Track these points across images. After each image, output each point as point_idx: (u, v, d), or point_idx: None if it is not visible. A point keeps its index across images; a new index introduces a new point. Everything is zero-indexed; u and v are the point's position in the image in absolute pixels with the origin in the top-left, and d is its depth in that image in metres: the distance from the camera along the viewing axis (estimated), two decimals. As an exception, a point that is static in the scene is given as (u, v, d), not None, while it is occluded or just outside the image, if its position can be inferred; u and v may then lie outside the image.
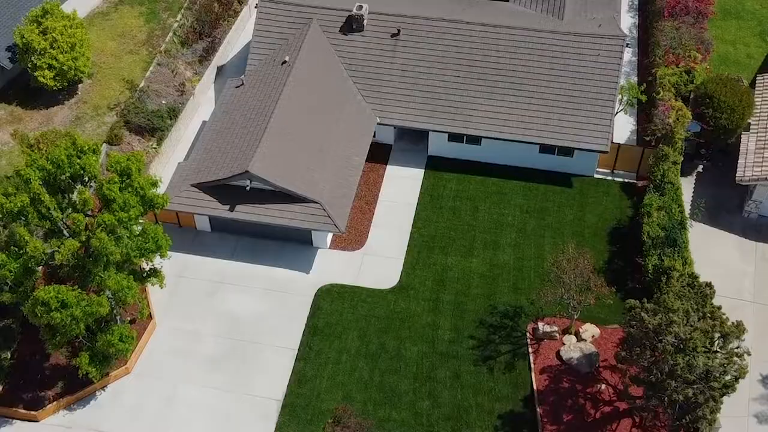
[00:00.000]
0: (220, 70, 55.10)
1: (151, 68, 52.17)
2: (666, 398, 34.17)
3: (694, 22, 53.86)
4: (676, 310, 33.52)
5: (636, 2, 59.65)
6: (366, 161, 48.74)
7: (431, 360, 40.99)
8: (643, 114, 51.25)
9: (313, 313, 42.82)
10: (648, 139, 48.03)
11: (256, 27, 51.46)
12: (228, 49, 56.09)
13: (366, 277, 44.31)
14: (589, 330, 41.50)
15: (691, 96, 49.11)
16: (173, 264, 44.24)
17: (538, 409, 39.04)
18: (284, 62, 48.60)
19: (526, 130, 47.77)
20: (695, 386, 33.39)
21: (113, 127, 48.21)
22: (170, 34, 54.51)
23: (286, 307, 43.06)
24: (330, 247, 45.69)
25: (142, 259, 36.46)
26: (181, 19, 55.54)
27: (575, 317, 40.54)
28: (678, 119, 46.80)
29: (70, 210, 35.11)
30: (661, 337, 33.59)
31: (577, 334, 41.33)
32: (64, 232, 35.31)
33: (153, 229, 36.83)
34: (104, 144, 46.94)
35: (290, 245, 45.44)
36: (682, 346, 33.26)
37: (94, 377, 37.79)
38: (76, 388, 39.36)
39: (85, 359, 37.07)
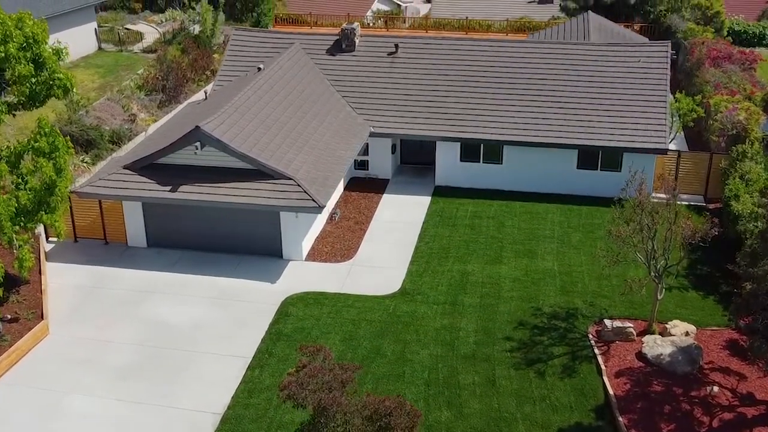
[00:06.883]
0: (183, 126, 46.00)
1: (98, 101, 43.12)
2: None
3: (742, 69, 46.19)
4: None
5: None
6: (356, 192, 38.48)
7: (450, 364, 27.40)
8: (696, 144, 41.69)
9: (277, 319, 29.86)
10: (716, 139, 37.92)
11: (227, 53, 43.22)
12: (195, 110, 47.38)
13: (355, 286, 31.81)
14: (680, 326, 28.40)
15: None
16: (88, 275, 32.21)
17: (620, 419, 24.95)
18: (258, 69, 39.72)
19: (563, 133, 37.83)
20: None
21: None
22: (127, 81, 46.20)
23: (238, 315, 30.12)
24: (306, 260, 33.61)
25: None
26: (143, 72, 47.57)
27: (661, 286, 27.72)
28: (750, 116, 37.12)
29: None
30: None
31: (663, 334, 28.23)
32: None
33: (52, 60, 25.65)
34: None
35: (251, 258, 33.40)
36: None
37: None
38: None
39: None
